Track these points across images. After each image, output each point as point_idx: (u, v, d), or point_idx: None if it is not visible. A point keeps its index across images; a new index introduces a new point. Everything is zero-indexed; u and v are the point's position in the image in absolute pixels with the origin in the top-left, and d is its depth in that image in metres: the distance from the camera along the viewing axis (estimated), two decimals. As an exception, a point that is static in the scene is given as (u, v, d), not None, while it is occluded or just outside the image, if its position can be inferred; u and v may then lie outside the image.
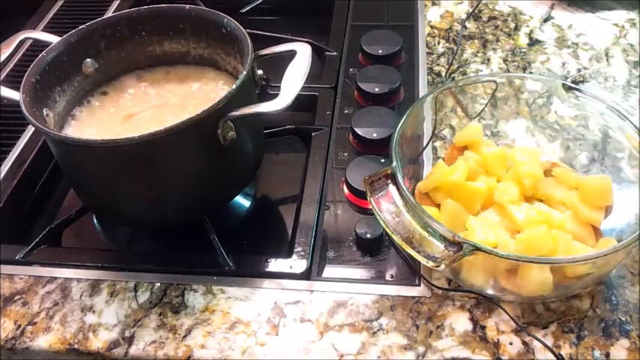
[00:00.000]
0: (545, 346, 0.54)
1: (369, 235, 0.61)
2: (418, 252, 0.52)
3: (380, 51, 0.82)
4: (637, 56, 0.83)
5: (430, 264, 0.51)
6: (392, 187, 0.55)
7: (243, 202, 0.72)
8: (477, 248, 0.50)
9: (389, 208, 0.55)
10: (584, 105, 0.65)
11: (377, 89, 0.76)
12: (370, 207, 0.56)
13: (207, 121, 0.56)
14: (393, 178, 0.56)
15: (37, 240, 0.65)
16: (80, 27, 0.67)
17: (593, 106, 0.64)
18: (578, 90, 0.65)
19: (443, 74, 0.82)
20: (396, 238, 0.53)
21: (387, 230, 0.54)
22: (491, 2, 0.94)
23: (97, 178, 0.61)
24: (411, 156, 0.64)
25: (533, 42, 0.86)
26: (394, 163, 0.57)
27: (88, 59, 0.68)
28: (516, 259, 0.51)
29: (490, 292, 0.57)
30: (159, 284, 0.61)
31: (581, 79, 0.79)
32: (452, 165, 0.62)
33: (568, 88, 0.65)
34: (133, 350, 0.56)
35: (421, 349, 0.55)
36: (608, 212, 0.59)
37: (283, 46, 0.64)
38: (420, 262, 0.56)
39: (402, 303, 0.58)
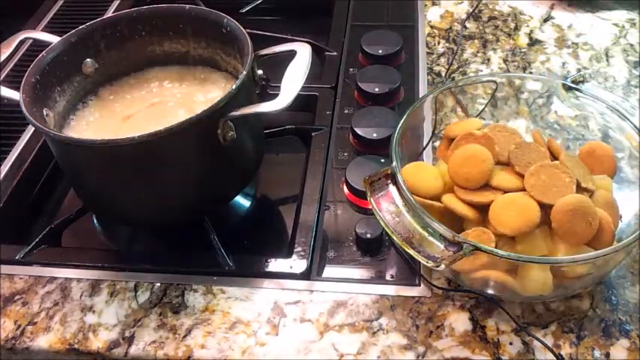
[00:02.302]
0: (546, 346, 0.54)
1: (369, 235, 0.61)
2: (418, 252, 0.51)
3: (380, 51, 0.83)
4: (637, 56, 0.83)
5: (430, 264, 0.51)
6: (392, 187, 0.55)
7: (243, 202, 0.72)
8: (476, 248, 0.50)
9: (389, 208, 0.55)
10: (584, 105, 0.65)
11: (377, 89, 0.76)
12: (370, 207, 0.56)
13: (207, 121, 0.56)
14: (393, 178, 0.56)
15: (37, 240, 0.65)
16: (80, 27, 0.67)
17: (593, 106, 0.64)
18: (578, 90, 0.65)
19: (443, 74, 0.82)
20: (396, 238, 0.53)
21: (387, 230, 0.53)
22: (491, 2, 0.94)
23: (97, 178, 0.61)
24: (410, 156, 0.64)
25: (533, 42, 0.87)
26: (394, 163, 0.56)
27: (88, 59, 0.68)
28: (517, 259, 0.51)
29: (490, 292, 0.57)
30: (159, 284, 0.61)
31: (581, 79, 0.79)
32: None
33: (568, 88, 0.65)
34: (133, 350, 0.56)
35: (421, 349, 0.55)
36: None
37: (283, 46, 0.64)
38: (420, 262, 0.56)
39: (402, 303, 0.58)
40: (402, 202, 0.54)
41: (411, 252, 0.52)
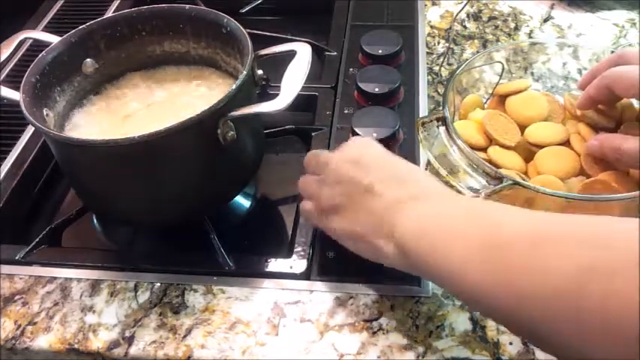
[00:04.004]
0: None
1: (369, 235, 0.61)
2: (459, 182, 0.56)
3: (380, 51, 0.82)
4: (637, 56, 0.83)
5: (470, 194, 0.54)
6: (442, 129, 0.60)
7: (243, 202, 0.72)
8: (516, 183, 0.53)
9: (436, 147, 0.59)
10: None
11: (377, 89, 0.76)
12: (419, 139, 0.62)
13: (207, 121, 0.56)
14: (444, 120, 0.60)
15: (37, 240, 0.65)
16: (80, 27, 0.67)
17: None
18: None
19: (443, 74, 0.82)
20: (442, 172, 0.57)
21: (435, 164, 0.58)
22: (491, 2, 0.94)
23: (97, 178, 0.61)
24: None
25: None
26: (445, 110, 0.61)
27: (88, 59, 0.68)
28: (564, 196, 0.53)
29: None
30: (159, 284, 0.61)
31: None
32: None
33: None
34: (133, 350, 0.56)
35: (421, 349, 0.55)
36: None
37: (283, 46, 0.64)
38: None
39: (402, 303, 0.58)
40: (451, 142, 0.59)
41: (454, 182, 0.56)
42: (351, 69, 0.83)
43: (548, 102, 0.66)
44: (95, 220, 0.71)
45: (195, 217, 0.65)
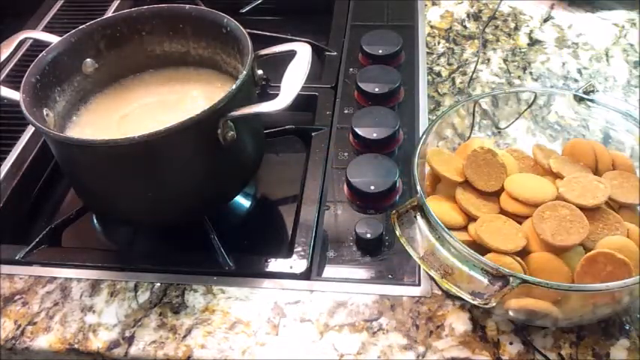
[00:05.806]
0: (539, 351, 0.54)
1: (369, 235, 0.61)
2: (462, 289, 0.48)
3: (380, 51, 0.83)
4: (637, 56, 0.83)
5: (477, 302, 0.47)
6: (420, 220, 0.52)
7: (243, 202, 0.72)
8: (524, 281, 0.47)
9: (421, 243, 0.52)
10: (589, 110, 0.65)
11: (377, 89, 0.77)
12: (402, 242, 0.53)
13: (207, 121, 0.56)
14: (421, 209, 0.52)
15: (37, 240, 0.65)
16: (80, 27, 0.67)
17: (599, 112, 0.63)
18: (590, 100, 0.64)
19: (443, 74, 0.82)
20: (435, 275, 0.50)
21: (424, 267, 0.51)
22: (491, 2, 0.94)
23: (97, 178, 0.61)
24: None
25: (533, 42, 0.87)
26: (420, 193, 0.53)
27: (88, 59, 0.68)
28: (567, 289, 0.49)
29: (522, 318, 0.55)
30: (159, 284, 0.61)
31: (592, 88, 0.78)
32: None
33: (580, 99, 0.65)
34: (133, 350, 0.56)
35: (421, 349, 0.55)
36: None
37: (283, 46, 0.64)
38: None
39: (402, 303, 0.58)
40: (434, 235, 0.51)
41: (455, 290, 0.49)
42: (351, 69, 0.83)
43: (518, 158, 0.61)
44: (95, 220, 0.71)
45: (195, 217, 0.65)
